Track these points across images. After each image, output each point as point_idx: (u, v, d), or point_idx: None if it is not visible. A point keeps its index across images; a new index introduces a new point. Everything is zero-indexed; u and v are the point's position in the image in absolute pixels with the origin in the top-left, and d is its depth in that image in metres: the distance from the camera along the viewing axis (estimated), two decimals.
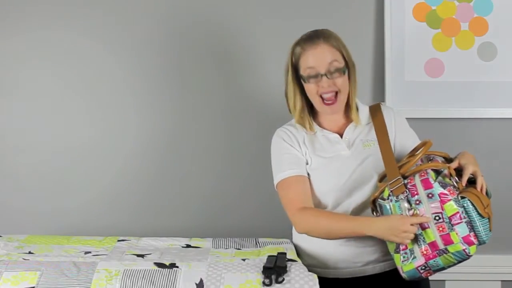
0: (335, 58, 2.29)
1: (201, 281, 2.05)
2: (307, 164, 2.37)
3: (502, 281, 2.97)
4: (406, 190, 2.15)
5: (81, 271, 2.10)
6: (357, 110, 2.40)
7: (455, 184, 2.13)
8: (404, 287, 2.24)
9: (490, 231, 2.12)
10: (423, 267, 2.12)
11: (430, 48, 2.90)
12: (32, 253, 2.32)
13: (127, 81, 2.91)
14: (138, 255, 2.29)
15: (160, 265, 2.14)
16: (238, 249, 2.44)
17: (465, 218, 2.08)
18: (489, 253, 2.84)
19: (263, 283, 2.03)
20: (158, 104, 2.92)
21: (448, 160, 2.26)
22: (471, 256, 2.09)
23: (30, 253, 2.32)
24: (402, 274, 2.17)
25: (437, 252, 2.09)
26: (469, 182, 2.17)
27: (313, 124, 2.40)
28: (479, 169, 2.19)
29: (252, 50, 2.90)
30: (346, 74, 2.33)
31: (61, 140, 2.91)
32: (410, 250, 2.14)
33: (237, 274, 2.09)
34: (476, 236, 2.08)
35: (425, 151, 2.21)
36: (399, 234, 2.12)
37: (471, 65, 2.91)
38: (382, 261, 2.33)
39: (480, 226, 2.08)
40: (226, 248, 2.46)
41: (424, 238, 2.11)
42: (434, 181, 2.11)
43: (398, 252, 2.17)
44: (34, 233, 2.70)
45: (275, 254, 2.21)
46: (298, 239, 2.43)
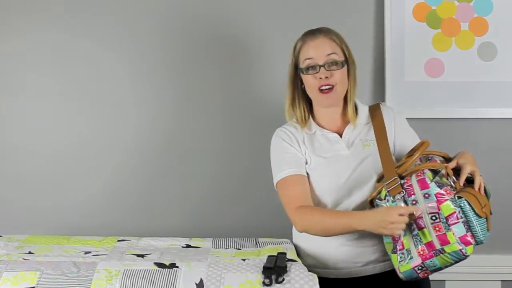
0: (334, 51, 2.31)
1: (201, 281, 2.05)
2: (307, 163, 2.37)
3: (502, 281, 2.97)
4: (403, 190, 2.15)
5: (81, 271, 2.10)
6: (355, 109, 2.40)
7: (452, 184, 2.13)
8: (404, 287, 2.24)
9: (487, 231, 2.12)
10: (420, 267, 2.12)
11: (430, 48, 2.90)
12: (32, 253, 2.32)
13: (126, 80, 2.91)
14: (138, 255, 2.29)
15: (160, 265, 2.14)
16: (238, 249, 2.44)
17: (462, 218, 2.07)
18: (489, 253, 2.84)
19: (263, 283, 2.03)
20: (158, 103, 2.91)
21: (447, 160, 2.25)
22: (468, 256, 2.09)
23: (30, 253, 2.32)
24: (399, 275, 2.17)
25: (433, 252, 2.09)
26: (468, 182, 2.16)
27: (309, 117, 2.40)
28: (478, 168, 2.18)
29: (251, 49, 2.90)
30: (345, 69, 2.34)
31: (61, 140, 2.91)
32: (406, 250, 2.14)
33: (237, 274, 2.09)
34: (473, 236, 2.08)
35: (422, 151, 2.21)
36: (387, 226, 2.11)
37: (471, 65, 2.91)
38: (382, 261, 2.32)
39: (477, 226, 2.07)
40: (226, 248, 2.45)
41: (420, 238, 2.11)
42: (431, 181, 2.11)
43: (395, 252, 2.17)
44: (34, 233, 2.70)
45: (275, 254, 2.21)
46: (298, 239, 2.43)
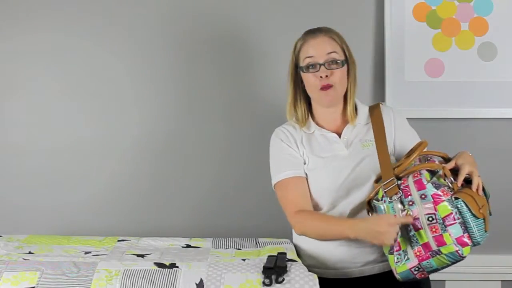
0: (334, 50, 2.32)
1: (201, 281, 2.05)
2: (305, 164, 2.37)
3: (502, 281, 2.96)
4: (400, 191, 2.14)
5: (81, 271, 2.10)
6: (355, 109, 2.40)
7: (450, 185, 2.12)
8: (404, 287, 2.24)
9: (485, 232, 2.11)
10: (417, 268, 2.11)
11: (430, 48, 2.90)
12: (32, 253, 2.32)
13: (127, 80, 2.91)
14: (138, 255, 2.29)
15: (160, 265, 2.14)
16: (238, 249, 2.44)
17: (459, 219, 2.06)
18: (489, 253, 2.84)
19: (263, 283, 2.03)
20: (158, 103, 2.91)
21: (446, 160, 2.24)
22: (465, 257, 2.08)
23: (30, 253, 2.31)
24: (396, 276, 2.16)
25: (430, 253, 2.08)
26: (467, 182, 2.15)
27: (308, 117, 2.40)
28: (476, 169, 2.17)
29: (252, 49, 2.90)
30: (345, 68, 2.34)
31: (61, 140, 2.91)
32: (403, 251, 2.13)
33: (237, 274, 2.08)
34: (470, 237, 2.06)
35: (419, 152, 2.20)
36: (377, 236, 2.11)
37: (471, 65, 2.91)
38: (381, 261, 2.32)
39: (474, 227, 2.06)
40: (226, 248, 2.45)
41: (417, 239, 2.10)
42: (428, 182, 2.10)
43: (392, 253, 2.16)
44: (34, 233, 2.70)
45: (275, 254, 2.21)
46: (298, 239, 2.42)
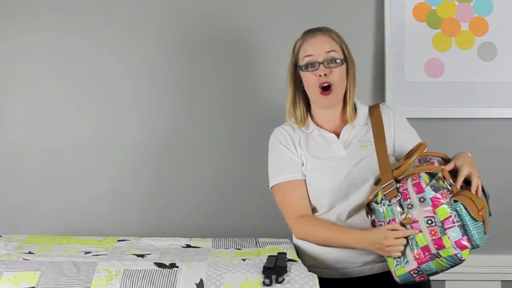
0: (333, 49, 2.32)
1: (201, 281, 2.05)
2: (303, 165, 2.37)
3: (502, 281, 2.96)
4: (399, 194, 2.13)
5: (81, 271, 2.10)
6: (355, 109, 2.39)
7: (449, 187, 2.10)
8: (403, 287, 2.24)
9: (485, 234, 2.09)
10: (416, 271, 2.11)
11: (430, 48, 2.90)
12: (32, 253, 2.31)
13: (127, 80, 2.90)
14: (138, 255, 2.28)
15: (160, 265, 2.13)
16: (238, 249, 2.43)
17: (458, 222, 2.05)
18: (489, 253, 2.83)
19: (263, 283, 2.03)
20: (158, 103, 2.91)
21: (446, 161, 2.23)
22: (464, 260, 2.07)
23: (30, 253, 2.31)
24: (395, 278, 2.16)
25: (429, 256, 2.08)
26: (467, 183, 2.14)
27: (307, 117, 2.40)
28: (476, 170, 2.16)
29: (252, 49, 2.90)
30: (344, 67, 2.34)
31: (61, 140, 2.91)
32: (402, 254, 2.13)
33: (237, 274, 2.08)
34: (469, 240, 2.06)
35: (419, 154, 2.19)
36: (385, 249, 2.13)
37: (471, 65, 2.91)
38: (380, 261, 2.32)
39: (473, 230, 2.05)
40: (226, 248, 2.45)
41: (416, 242, 2.10)
42: (427, 184, 2.09)
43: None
44: (34, 233, 2.70)
45: (275, 254, 2.20)
46: (299, 240, 2.42)
